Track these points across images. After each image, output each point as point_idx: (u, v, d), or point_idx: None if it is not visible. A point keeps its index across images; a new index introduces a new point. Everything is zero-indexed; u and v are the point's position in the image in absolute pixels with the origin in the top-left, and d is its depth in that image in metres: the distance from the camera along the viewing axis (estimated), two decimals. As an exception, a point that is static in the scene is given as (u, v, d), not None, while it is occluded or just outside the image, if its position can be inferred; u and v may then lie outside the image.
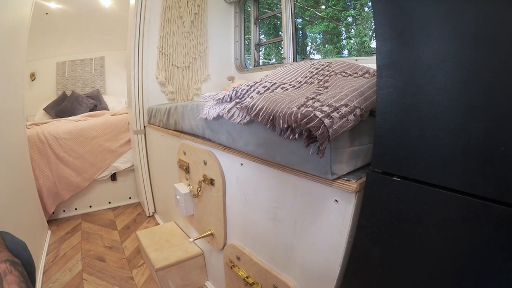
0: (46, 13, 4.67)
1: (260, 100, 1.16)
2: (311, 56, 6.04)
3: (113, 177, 3.86)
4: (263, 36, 5.77)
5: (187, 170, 2.08)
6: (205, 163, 1.80)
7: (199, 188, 1.91)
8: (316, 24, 5.86)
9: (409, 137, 0.83)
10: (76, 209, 3.76)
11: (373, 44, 4.86)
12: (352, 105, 1.00)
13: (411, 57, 0.81)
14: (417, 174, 0.83)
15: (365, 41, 5.14)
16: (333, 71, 1.42)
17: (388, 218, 0.92)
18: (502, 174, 0.67)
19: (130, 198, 4.06)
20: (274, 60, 5.68)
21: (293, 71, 1.58)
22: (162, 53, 3.30)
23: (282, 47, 3.46)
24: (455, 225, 0.76)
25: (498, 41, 0.66)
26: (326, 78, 1.37)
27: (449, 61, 0.74)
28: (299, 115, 0.94)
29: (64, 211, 3.69)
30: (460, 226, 0.75)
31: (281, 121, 1.02)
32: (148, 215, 3.58)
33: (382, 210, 0.93)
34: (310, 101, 1.04)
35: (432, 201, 0.80)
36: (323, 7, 5.77)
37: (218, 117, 1.51)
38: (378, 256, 0.98)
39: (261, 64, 4.02)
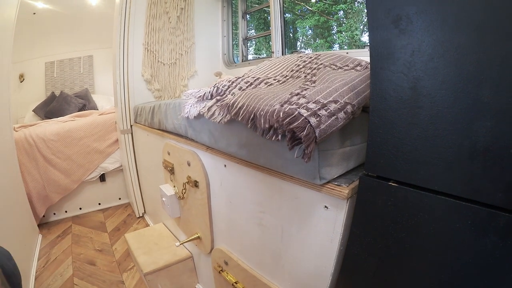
0: (34, 13, 4.63)
1: (241, 97, 1.07)
2: (302, 50, 6.02)
3: (102, 178, 3.78)
4: (253, 30, 5.72)
5: (171, 171, 2.00)
6: (188, 164, 1.72)
7: (183, 190, 1.83)
8: (306, 18, 5.81)
9: (408, 138, 0.74)
10: (66, 211, 3.70)
11: (364, 38, 4.83)
12: (342, 101, 0.89)
13: (409, 46, 0.72)
14: (416, 179, 0.75)
15: (356, 35, 5.10)
16: (321, 64, 1.33)
17: (383, 227, 0.83)
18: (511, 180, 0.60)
19: (120, 198, 3.99)
20: (264, 55, 5.61)
21: (278, 64, 1.50)
22: (147, 50, 3.21)
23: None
24: (458, 235, 0.69)
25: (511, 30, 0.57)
26: (313, 71, 1.28)
27: (453, 51, 0.65)
28: (281, 113, 0.84)
29: (54, 214, 3.63)
30: (464, 236, 0.68)
31: (262, 121, 0.92)
32: (138, 216, 3.52)
33: (376, 218, 0.85)
34: (295, 97, 0.94)
35: (434, 209, 0.72)
36: (314, 1, 5.73)
37: (199, 116, 1.42)
38: (373, 267, 0.90)
39: (250, 59, 3.95)
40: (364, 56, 2.03)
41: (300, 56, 1.51)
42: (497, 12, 0.58)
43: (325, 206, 0.97)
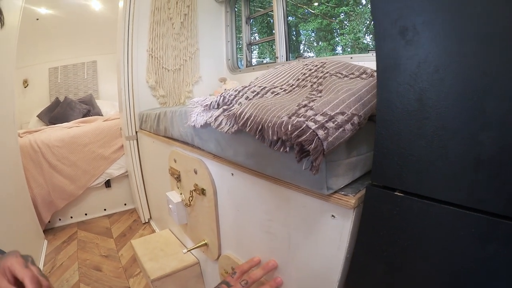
0: (37, 19, 4.66)
1: (249, 107, 1.07)
2: (305, 54, 6.00)
3: (107, 184, 3.80)
4: (256, 34, 5.71)
5: (178, 178, 2.01)
6: (195, 172, 1.72)
7: (190, 198, 1.83)
8: (309, 21, 5.80)
9: (414, 149, 0.75)
10: (71, 217, 3.73)
11: (366, 40, 4.83)
12: (349, 113, 0.90)
13: (416, 57, 0.72)
14: (422, 189, 0.75)
15: (359, 37, 5.09)
16: (327, 73, 1.32)
17: (389, 235, 0.84)
18: (515, 189, 0.60)
19: (125, 204, 4.01)
20: (268, 59, 5.61)
21: (284, 73, 1.50)
22: (152, 56, 3.23)
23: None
24: (462, 243, 0.70)
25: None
26: (320, 80, 1.28)
27: (459, 62, 0.65)
28: (289, 126, 0.85)
29: (60, 219, 3.66)
30: (467, 244, 0.69)
31: (270, 132, 0.92)
32: (143, 221, 3.53)
33: (383, 227, 0.85)
34: (302, 109, 0.94)
35: (439, 219, 0.73)
36: (316, 4, 5.72)
37: (206, 125, 1.43)
38: (379, 274, 0.91)
39: (254, 64, 3.95)
40: (368, 60, 2.03)
41: (306, 64, 1.51)
42: (504, 22, 0.58)
43: (332, 215, 0.98)
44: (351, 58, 2.37)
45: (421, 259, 0.79)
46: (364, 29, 4.96)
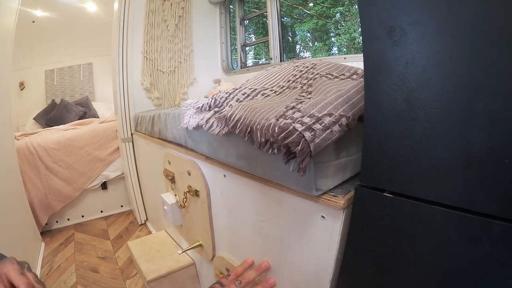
0: (33, 21, 4.66)
1: (238, 109, 1.07)
2: (301, 54, 6.00)
3: (104, 185, 3.80)
4: (252, 35, 5.71)
5: (172, 180, 2.01)
6: (189, 174, 1.73)
7: (185, 199, 1.84)
8: (305, 22, 5.80)
9: (402, 150, 0.75)
10: (68, 219, 3.72)
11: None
12: (337, 114, 0.90)
13: (403, 57, 0.71)
14: (411, 190, 0.75)
15: (355, 37, 5.09)
16: (317, 74, 1.32)
17: (379, 236, 0.84)
18: (506, 189, 0.60)
19: (122, 206, 4.00)
20: (264, 59, 5.60)
21: (275, 74, 1.50)
22: (146, 58, 3.22)
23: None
24: (452, 243, 0.69)
25: (508, 39, 0.56)
26: (310, 81, 1.28)
27: (447, 62, 0.64)
28: (276, 128, 0.85)
29: (57, 222, 3.66)
30: (458, 244, 0.68)
31: (258, 134, 0.92)
32: (140, 223, 3.52)
33: (372, 227, 0.85)
34: (290, 111, 0.94)
35: (428, 219, 0.73)
36: (311, 4, 5.72)
37: (198, 127, 1.43)
38: (369, 274, 0.91)
39: (249, 64, 3.95)
40: (362, 61, 2.03)
41: (297, 66, 1.50)
42: (493, 23, 0.58)
43: (322, 216, 0.98)
44: (345, 58, 2.37)
45: (410, 260, 0.79)
46: (360, 29, 4.97)
